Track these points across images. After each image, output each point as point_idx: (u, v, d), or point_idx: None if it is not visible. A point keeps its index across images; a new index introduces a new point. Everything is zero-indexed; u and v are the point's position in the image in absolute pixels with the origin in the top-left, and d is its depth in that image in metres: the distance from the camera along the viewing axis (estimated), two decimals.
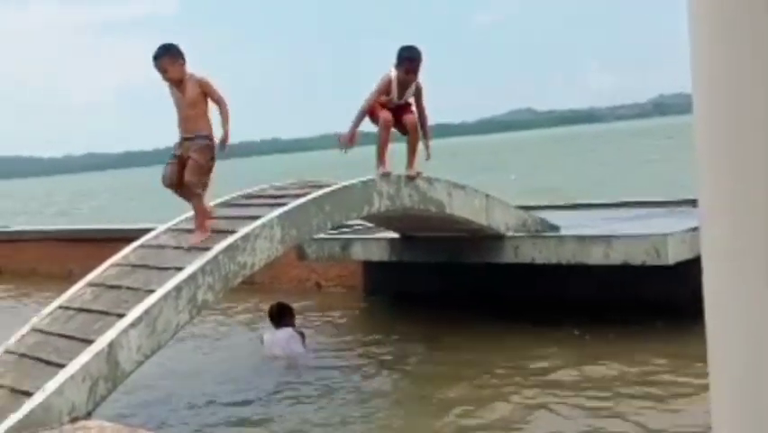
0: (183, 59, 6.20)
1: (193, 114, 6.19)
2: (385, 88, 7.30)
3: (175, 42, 6.28)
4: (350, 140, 7.26)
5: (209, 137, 6.23)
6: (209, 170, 6.28)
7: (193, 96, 6.18)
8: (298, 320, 8.50)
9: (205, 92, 6.20)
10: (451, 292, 9.39)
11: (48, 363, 5.46)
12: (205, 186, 6.31)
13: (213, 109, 6.31)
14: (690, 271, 6.21)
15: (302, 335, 8.07)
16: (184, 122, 6.23)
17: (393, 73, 7.29)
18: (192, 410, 6.60)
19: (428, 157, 7.53)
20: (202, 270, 5.92)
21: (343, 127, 7.41)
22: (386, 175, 7.24)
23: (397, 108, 7.37)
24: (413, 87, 7.38)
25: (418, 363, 7.51)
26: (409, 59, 7.26)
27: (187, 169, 6.13)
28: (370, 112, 7.36)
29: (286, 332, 7.99)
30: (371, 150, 7.39)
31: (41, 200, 53.87)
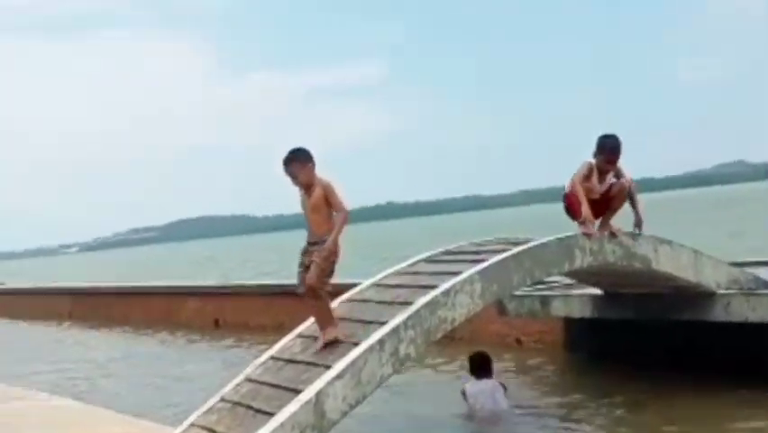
0: (312, 162, 6.11)
1: (317, 218, 6.11)
2: (588, 173, 7.24)
3: (305, 147, 6.15)
4: (591, 231, 7.18)
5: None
6: (331, 273, 6.19)
7: (316, 200, 6.08)
8: (500, 377, 8.42)
9: (327, 196, 6.07)
10: (656, 351, 9.04)
11: (258, 411, 5.75)
12: (328, 289, 6.24)
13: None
14: None
15: (504, 387, 7.98)
16: (310, 226, 6.17)
17: (593, 161, 7.27)
18: None
19: (639, 230, 7.40)
20: (404, 324, 6.07)
21: (540, 183, 7.41)
22: (588, 235, 7.16)
23: (598, 201, 7.29)
24: (612, 174, 7.34)
25: (620, 427, 7.25)
26: (610, 151, 7.23)
27: (310, 272, 6.07)
28: (571, 204, 7.30)
29: (490, 384, 7.91)
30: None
31: (256, 256, 56.61)
